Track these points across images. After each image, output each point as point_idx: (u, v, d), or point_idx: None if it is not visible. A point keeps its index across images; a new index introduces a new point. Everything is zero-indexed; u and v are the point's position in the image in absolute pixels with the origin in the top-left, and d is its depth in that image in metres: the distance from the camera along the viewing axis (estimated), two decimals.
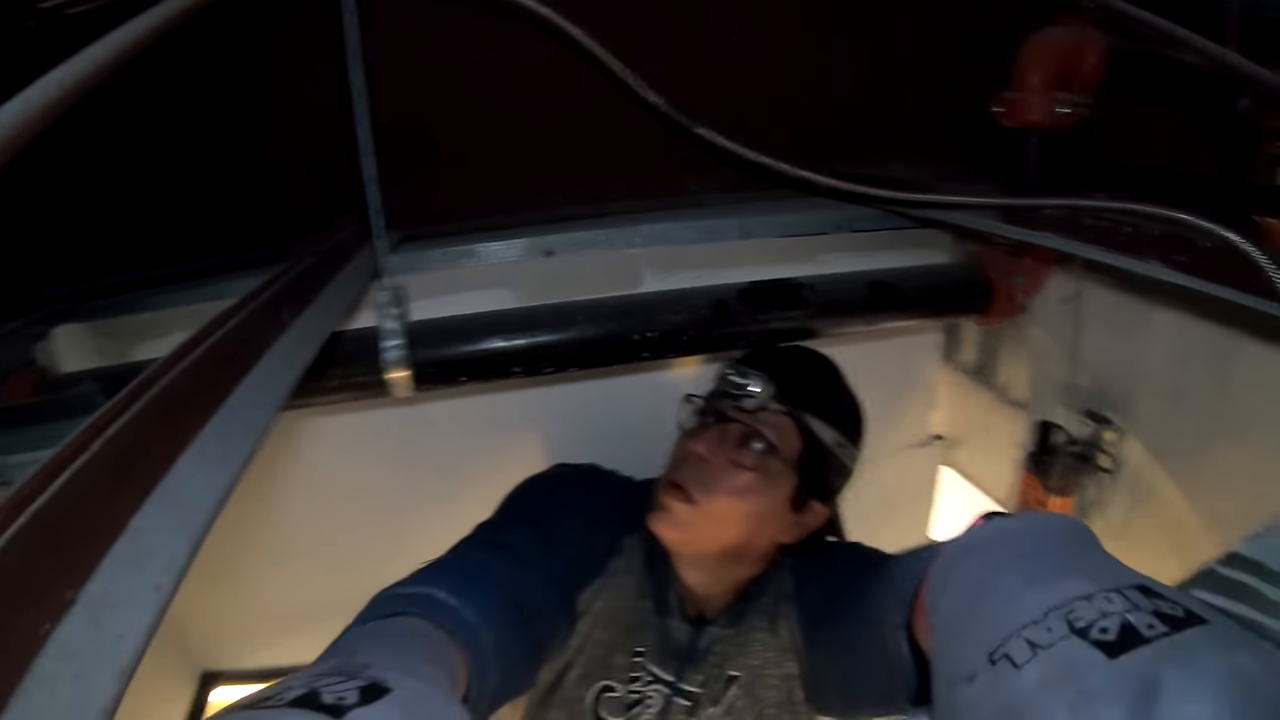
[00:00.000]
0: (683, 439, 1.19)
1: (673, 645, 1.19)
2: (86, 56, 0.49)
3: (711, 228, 1.50)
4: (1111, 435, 1.47)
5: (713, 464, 1.10)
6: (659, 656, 1.19)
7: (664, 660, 1.19)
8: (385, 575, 0.95)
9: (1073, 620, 0.46)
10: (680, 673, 1.18)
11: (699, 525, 1.09)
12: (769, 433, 1.10)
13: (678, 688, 1.18)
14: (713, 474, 1.09)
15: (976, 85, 1.37)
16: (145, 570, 0.42)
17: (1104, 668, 0.43)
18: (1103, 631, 0.45)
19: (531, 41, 1.35)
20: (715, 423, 1.15)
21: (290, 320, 0.85)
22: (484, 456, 1.60)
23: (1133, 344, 1.40)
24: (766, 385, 1.12)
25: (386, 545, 1.58)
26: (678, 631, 1.19)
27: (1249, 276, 0.88)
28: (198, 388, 0.59)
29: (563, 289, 1.42)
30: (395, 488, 1.64)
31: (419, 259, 1.38)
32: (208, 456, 0.53)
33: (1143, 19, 1.06)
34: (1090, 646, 0.44)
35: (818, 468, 1.15)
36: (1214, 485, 1.28)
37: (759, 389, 1.12)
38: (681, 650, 1.19)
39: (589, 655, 1.19)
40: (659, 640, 1.19)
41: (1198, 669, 0.41)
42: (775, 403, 1.12)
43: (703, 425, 1.17)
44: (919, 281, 1.51)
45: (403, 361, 1.20)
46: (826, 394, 1.21)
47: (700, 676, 1.19)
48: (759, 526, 1.13)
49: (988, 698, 0.47)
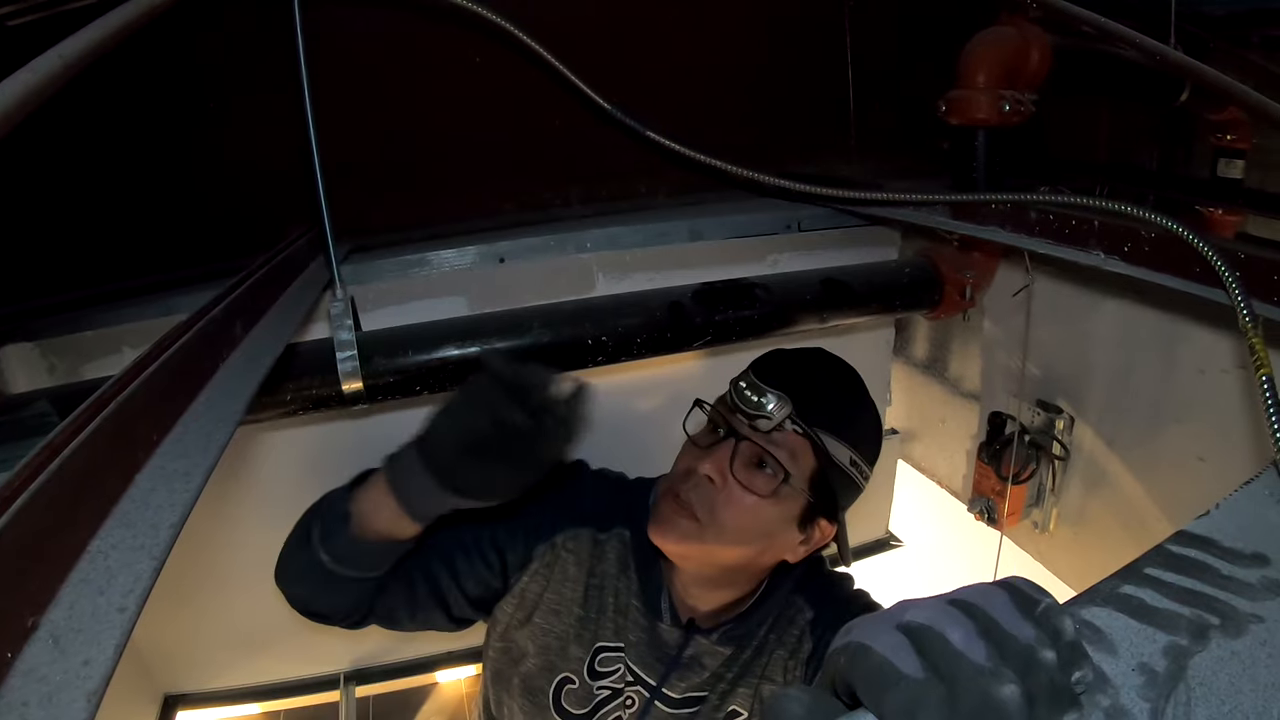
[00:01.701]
0: (691, 448, 1.13)
1: (660, 649, 1.17)
2: (33, 68, 0.49)
3: (662, 230, 1.50)
4: (1063, 423, 1.50)
5: (721, 489, 1.05)
6: (642, 657, 1.17)
7: (648, 662, 1.17)
8: None
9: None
10: (664, 677, 1.16)
11: (702, 543, 1.05)
12: (782, 455, 1.04)
13: (660, 692, 1.16)
14: (722, 499, 1.04)
15: (921, 84, 1.40)
16: (107, 593, 0.41)
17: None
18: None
19: (480, 50, 1.34)
20: (725, 438, 1.08)
21: (244, 334, 0.84)
22: None
23: (1081, 333, 1.44)
24: (783, 405, 1.04)
25: None
26: (667, 635, 1.17)
27: (1190, 264, 0.90)
28: (153, 405, 0.58)
29: (516, 295, 1.41)
30: None
31: (371, 269, 1.37)
32: (167, 474, 0.52)
33: (1085, 17, 1.08)
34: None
35: (829, 488, 1.08)
36: (1164, 467, 1.32)
37: (775, 409, 1.04)
38: (669, 656, 1.17)
39: (542, 645, 1.16)
40: (645, 641, 1.17)
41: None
42: (791, 423, 1.05)
43: (713, 438, 1.10)
44: (870, 278, 1.53)
45: (357, 373, 1.19)
46: (845, 412, 1.12)
47: (683, 684, 1.17)
48: (764, 546, 1.08)
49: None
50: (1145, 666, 0.46)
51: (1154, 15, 1.27)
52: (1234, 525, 0.58)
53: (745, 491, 1.04)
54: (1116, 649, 0.47)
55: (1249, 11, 1.44)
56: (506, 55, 1.30)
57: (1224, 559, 0.55)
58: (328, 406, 1.22)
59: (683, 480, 1.08)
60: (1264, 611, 0.50)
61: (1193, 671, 0.45)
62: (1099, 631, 0.48)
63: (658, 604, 1.16)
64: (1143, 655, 0.47)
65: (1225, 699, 0.44)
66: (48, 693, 0.34)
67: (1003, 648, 0.40)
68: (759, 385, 1.06)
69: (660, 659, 1.16)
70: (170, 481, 0.52)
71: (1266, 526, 0.57)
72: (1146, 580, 0.53)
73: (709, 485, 1.05)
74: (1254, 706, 0.43)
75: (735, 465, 1.05)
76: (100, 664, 0.37)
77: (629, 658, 1.17)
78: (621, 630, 1.17)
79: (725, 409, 1.10)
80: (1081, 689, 0.41)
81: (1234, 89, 1.05)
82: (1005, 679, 0.38)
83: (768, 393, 1.05)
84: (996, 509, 1.60)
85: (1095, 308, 1.38)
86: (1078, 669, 0.41)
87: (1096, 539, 1.49)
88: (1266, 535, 0.56)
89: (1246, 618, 0.49)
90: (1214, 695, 0.44)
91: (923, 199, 1.30)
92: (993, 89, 1.28)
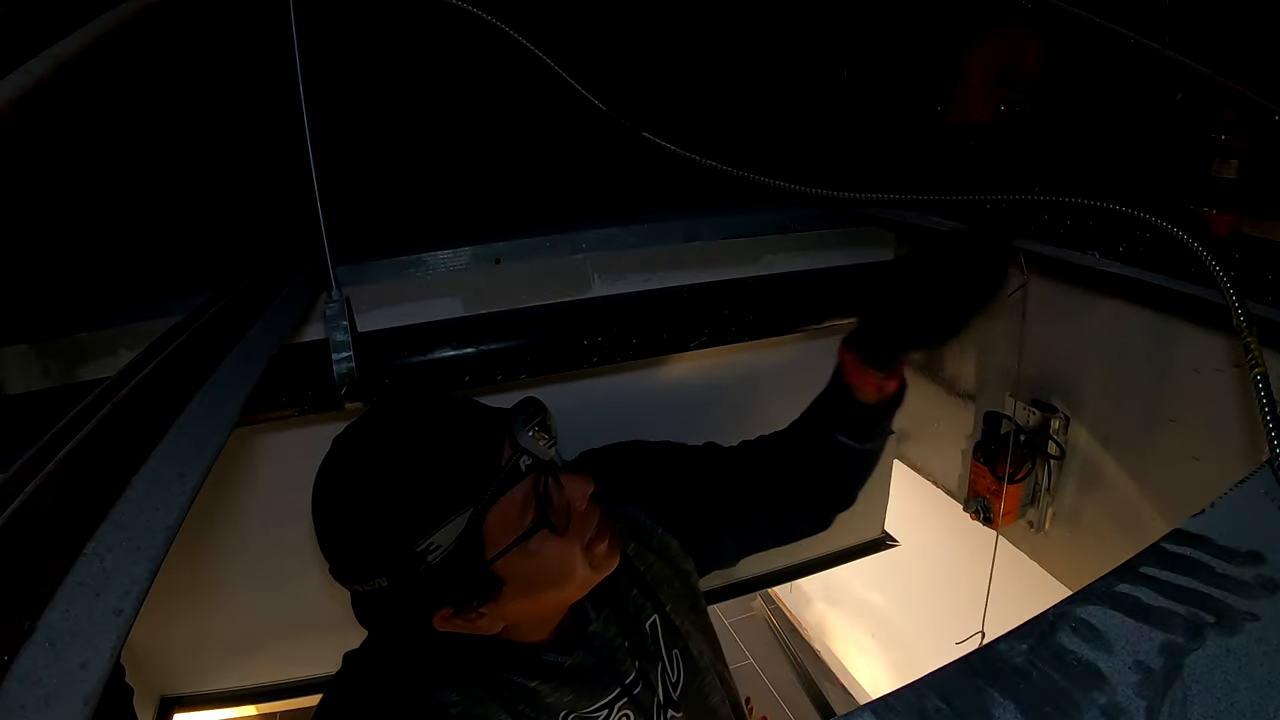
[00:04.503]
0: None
1: (598, 667, 1.12)
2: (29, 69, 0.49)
3: (657, 231, 1.51)
4: (1058, 423, 1.50)
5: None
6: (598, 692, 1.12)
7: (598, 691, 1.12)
8: (342, 593, 0.94)
9: None
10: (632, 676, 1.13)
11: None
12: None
13: (630, 692, 1.12)
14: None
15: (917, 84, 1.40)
16: (104, 596, 0.41)
17: None
18: None
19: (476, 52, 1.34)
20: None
21: (239, 335, 0.84)
22: None
23: (1076, 333, 1.44)
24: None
25: None
26: (586, 660, 1.12)
27: (1184, 264, 0.91)
28: (149, 407, 0.58)
29: (512, 296, 1.41)
30: None
31: (366, 270, 1.37)
32: (162, 477, 0.52)
33: (1081, 17, 1.08)
34: None
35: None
36: (1159, 466, 1.32)
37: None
38: (608, 660, 1.13)
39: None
40: (591, 677, 1.12)
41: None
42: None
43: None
44: (865, 279, 1.53)
45: (353, 374, 1.19)
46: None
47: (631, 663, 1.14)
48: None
49: None
50: (1141, 665, 0.46)
51: (1150, 15, 1.27)
52: (1229, 524, 0.58)
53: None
54: (1112, 647, 0.47)
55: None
56: (502, 56, 1.29)
57: (1219, 557, 0.55)
58: (324, 408, 1.22)
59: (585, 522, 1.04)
60: (1259, 609, 0.50)
61: (1189, 669, 0.46)
62: (1095, 630, 0.49)
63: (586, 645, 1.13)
64: (1139, 653, 0.47)
65: (1221, 696, 0.44)
66: (44, 696, 0.34)
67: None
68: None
69: (607, 672, 1.14)
70: (166, 484, 0.52)
71: (1261, 525, 0.58)
72: (1142, 579, 0.53)
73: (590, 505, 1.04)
74: (1250, 704, 0.43)
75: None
76: (97, 667, 0.37)
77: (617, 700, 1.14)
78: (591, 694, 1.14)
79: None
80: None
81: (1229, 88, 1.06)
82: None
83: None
84: (992, 508, 1.60)
85: (1090, 308, 1.38)
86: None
87: (1092, 538, 1.50)
88: (1261, 533, 0.56)
89: (1242, 615, 0.50)
90: (1210, 693, 0.44)
91: (917, 199, 1.30)
92: (988, 89, 1.28)
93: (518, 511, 0.93)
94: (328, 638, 1.69)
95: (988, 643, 0.50)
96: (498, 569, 0.93)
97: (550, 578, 0.99)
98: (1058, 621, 0.50)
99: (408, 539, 0.87)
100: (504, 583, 0.95)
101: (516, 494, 0.93)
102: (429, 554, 0.88)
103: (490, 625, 0.98)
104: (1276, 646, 0.47)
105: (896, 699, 0.46)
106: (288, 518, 1.55)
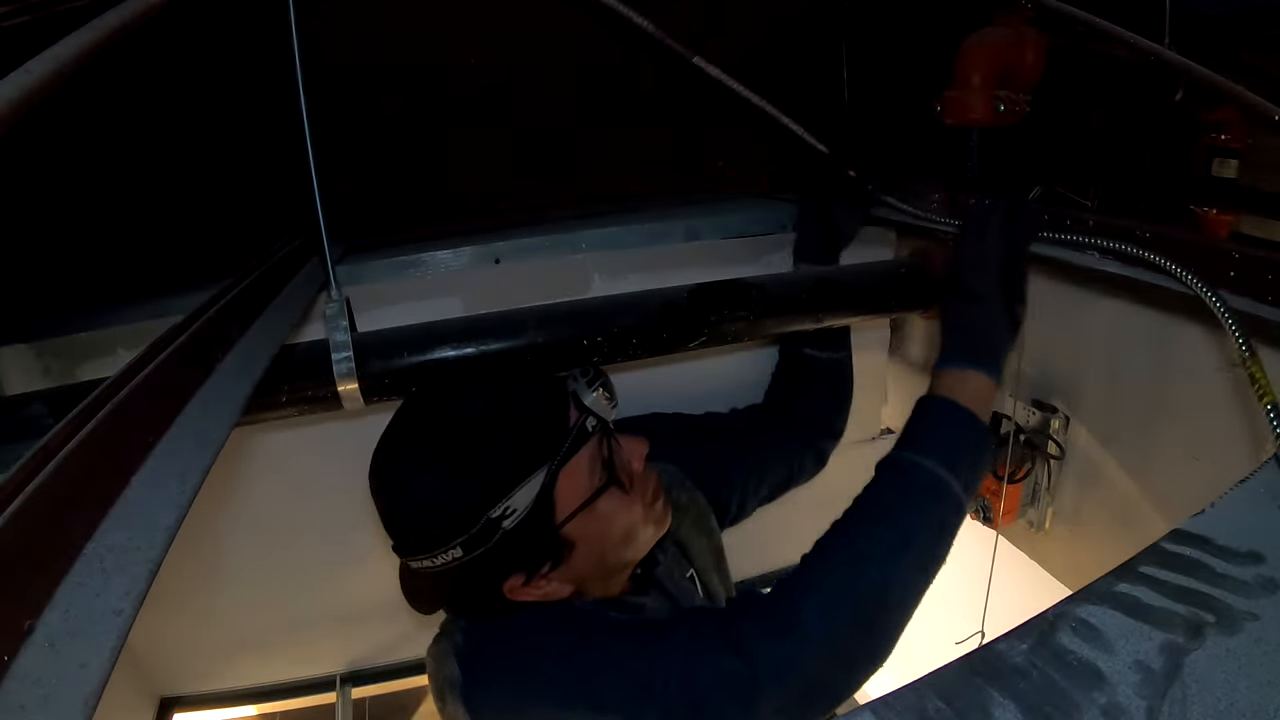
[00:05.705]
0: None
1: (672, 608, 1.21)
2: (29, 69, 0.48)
3: (658, 230, 1.50)
4: (1058, 422, 1.50)
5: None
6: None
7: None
8: (342, 593, 0.94)
9: None
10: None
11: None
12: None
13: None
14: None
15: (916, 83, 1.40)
16: (104, 595, 0.41)
17: None
18: None
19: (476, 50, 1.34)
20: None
21: (239, 336, 0.84)
22: None
23: (1076, 333, 1.44)
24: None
25: (341, 562, 1.56)
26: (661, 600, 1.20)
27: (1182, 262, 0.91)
28: (149, 407, 0.58)
29: (512, 296, 1.41)
30: (348, 503, 1.60)
31: (367, 270, 1.36)
32: (162, 476, 0.52)
33: (1080, 18, 1.08)
34: None
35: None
36: (1159, 466, 1.32)
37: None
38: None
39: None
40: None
41: None
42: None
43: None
44: (865, 278, 1.53)
45: (353, 374, 1.18)
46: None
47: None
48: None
49: None
50: (1141, 664, 0.46)
51: (1149, 15, 1.27)
52: (1229, 523, 0.58)
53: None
54: (1113, 647, 0.47)
55: (1245, 12, 1.45)
56: (502, 55, 1.29)
57: (1219, 557, 0.55)
58: (323, 408, 1.22)
59: (644, 481, 1.09)
60: (1259, 609, 0.50)
61: (1189, 669, 0.46)
62: (1095, 630, 0.49)
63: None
64: (1139, 653, 0.47)
65: (1221, 696, 0.44)
66: (44, 696, 0.34)
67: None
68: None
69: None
70: (166, 483, 0.52)
71: (1261, 525, 0.58)
72: (1142, 579, 0.53)
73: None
74: (1250, 703, 0.43)
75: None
76: (96, 667, 0.37)
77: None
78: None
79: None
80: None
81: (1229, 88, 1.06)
82: None
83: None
84: (992, 508, 1.60)
85: (1090, 307, 1.38)
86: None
87: (1092, 538, 1.50)
88: (1261, 533, 0.57)
89: (1242, 615, 0.50)
90: (1210, 692, 0.44)
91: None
92: (987, 89, 1.28)
93: (586, 472, 0.97)
94: (328, 638, 1.69)
95: (988, 642, 0.50)
96: (568, 531, 0.97)
97: (619, 536, 1.04)
98: (1058, 621, 0.50)
99: (485, 503, 0.90)
100: (574, 545, 0.98)
101: (584, 455, 0.97)
102: (505, 518, 0.90)
103: (559, 590, 1.01)
104: (1276, 646, 0.47)
105: (896, 699, 0.46)
106: (288, 517, 1.55)
